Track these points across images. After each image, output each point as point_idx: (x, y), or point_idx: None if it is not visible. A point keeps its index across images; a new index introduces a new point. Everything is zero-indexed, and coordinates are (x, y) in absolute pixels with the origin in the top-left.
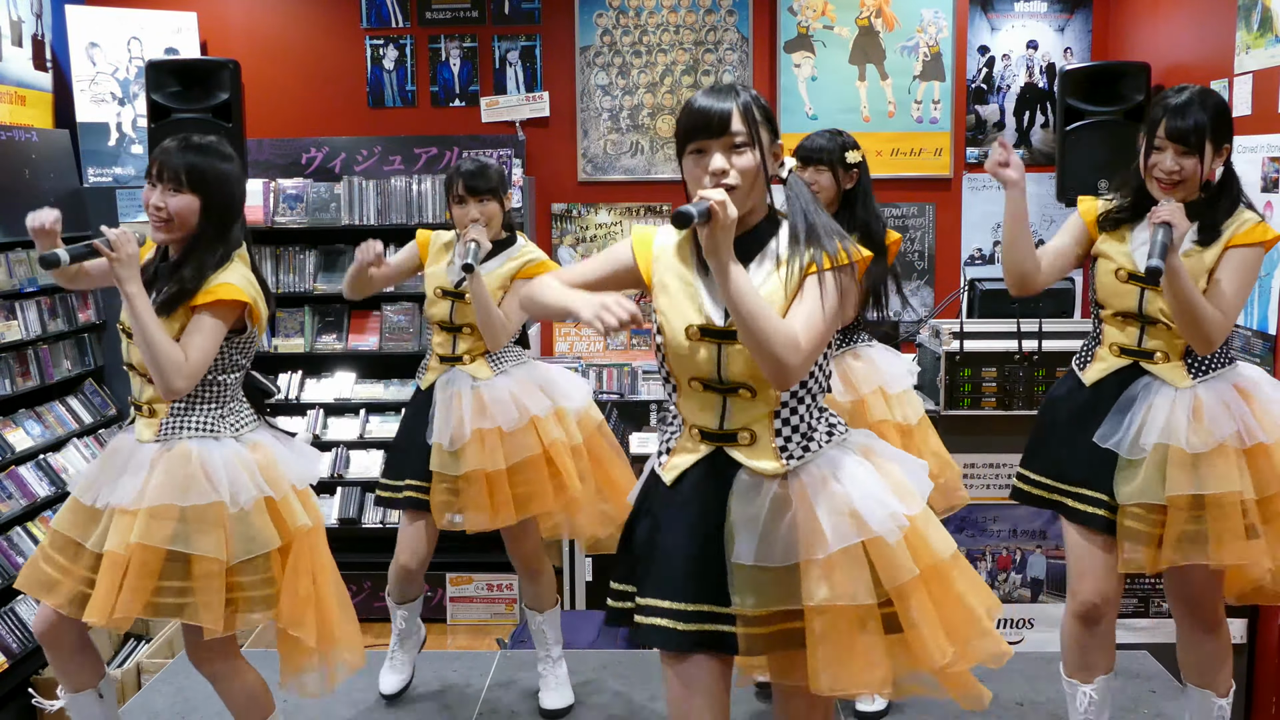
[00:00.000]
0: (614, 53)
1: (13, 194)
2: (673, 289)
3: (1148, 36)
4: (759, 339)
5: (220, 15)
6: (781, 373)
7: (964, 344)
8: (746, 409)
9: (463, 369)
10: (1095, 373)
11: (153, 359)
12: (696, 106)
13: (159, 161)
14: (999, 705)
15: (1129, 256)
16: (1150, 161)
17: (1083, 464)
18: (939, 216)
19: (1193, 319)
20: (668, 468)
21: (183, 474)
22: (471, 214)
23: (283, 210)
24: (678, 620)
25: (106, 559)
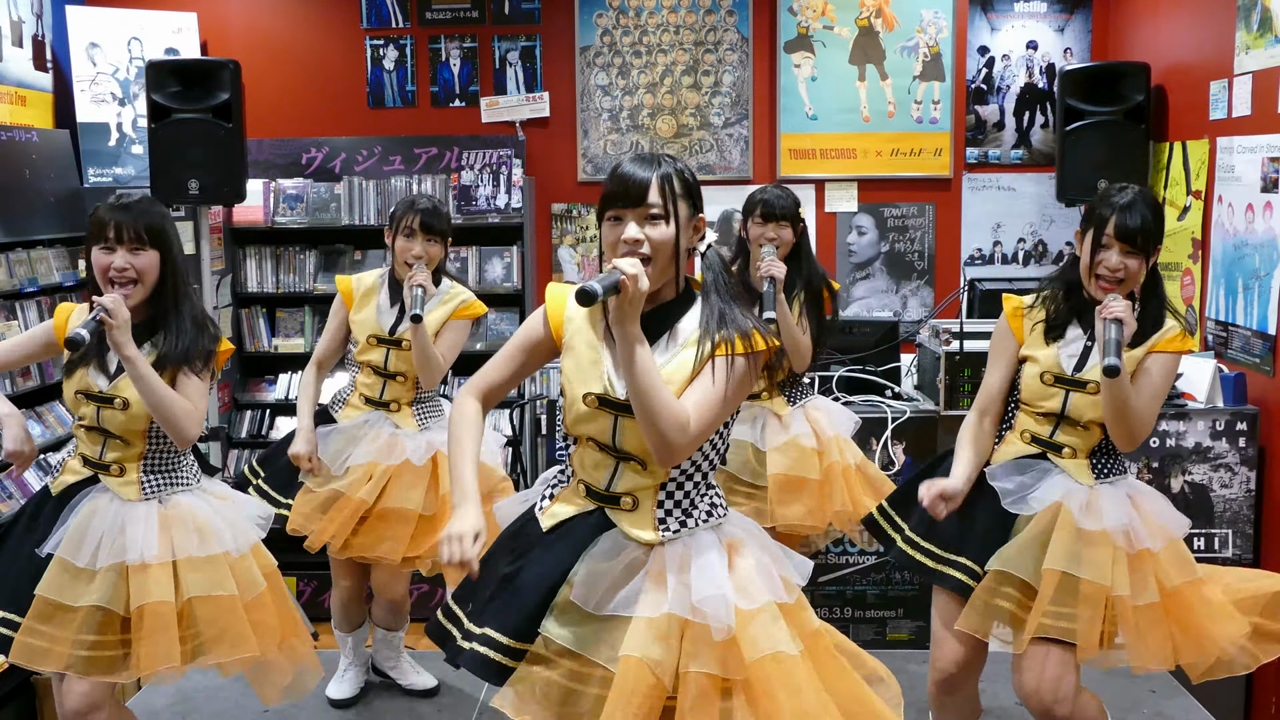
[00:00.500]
0: (614, 53)
1: (13, 194)
2: (578, 353)
3: (1148, 37)
4: (649, 416)
5: (220, 15)
6: (666, 451)
7: (964, 344)
8: (635, 478)
9: (388, 416)
10: (1002, 455)
11: (166, 413)
12: (618, 173)
13: (114, 224)
14: (999, 705)
15: (1056, 360)
16: (1096, 259)
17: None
18: (939, 216)
19: (1127, 418)
20: (548, 514)
21: (195, 529)
22: (415, 251)
23: (283, 210)
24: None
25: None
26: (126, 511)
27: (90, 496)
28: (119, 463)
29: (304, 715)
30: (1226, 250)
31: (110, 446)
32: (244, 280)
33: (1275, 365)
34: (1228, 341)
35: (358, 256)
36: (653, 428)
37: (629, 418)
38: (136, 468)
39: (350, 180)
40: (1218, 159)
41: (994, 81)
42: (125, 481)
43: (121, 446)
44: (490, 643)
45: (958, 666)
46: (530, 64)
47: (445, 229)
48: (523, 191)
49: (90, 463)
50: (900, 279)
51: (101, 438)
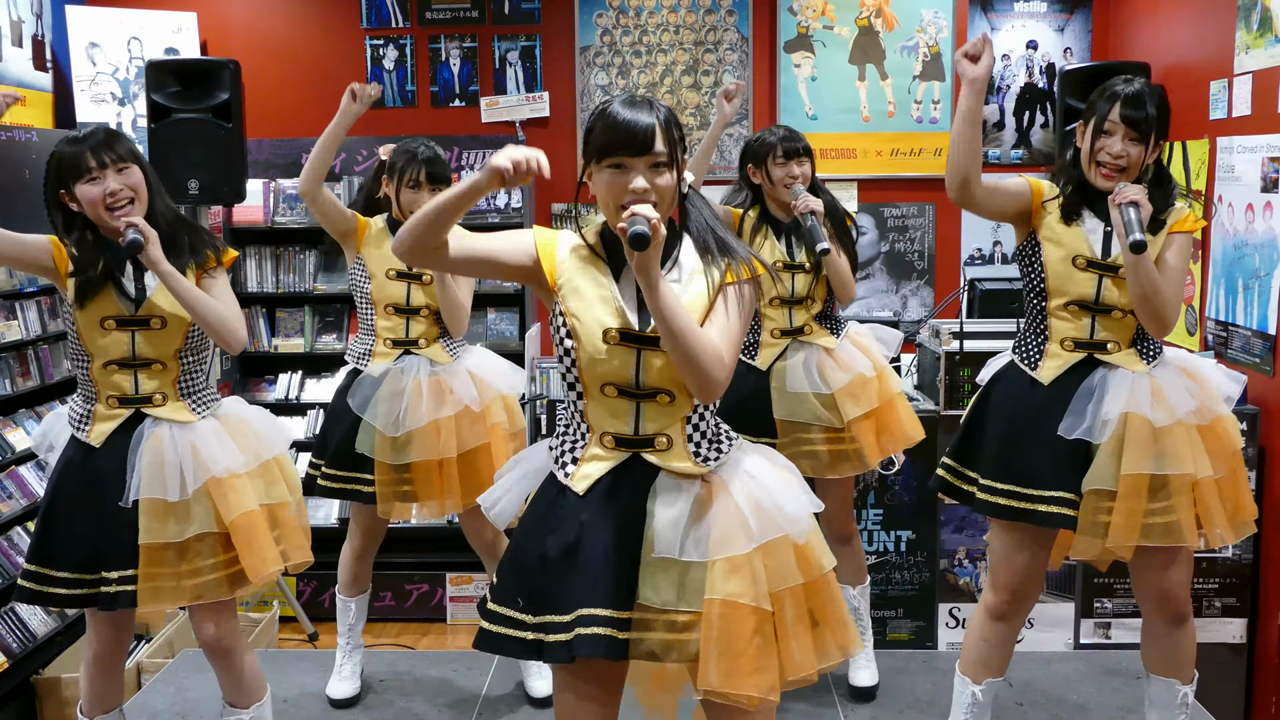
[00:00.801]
0: (614, 53)
1: (13, 194)
2: (585, 292)
3: (1148, 36)
4: (688, 354)
5: (220, 15)
6: (709, 386)
7: (964, 344)
8: (662, 414)
9: (419, 353)
10: (1051, 370)
11: (216, 320)
12: (620, 120)
13: (89, 153)
14: (999, 705)
15: (1086, 243)
16: (1096, 145)
17: (1052, 466)
18: (939, 216)
19: (1157, 302)
20: (577, 477)
21: (254, 436)
22: (423, 201)
23: (283, 210)
24: (618, 629)
25: (245, 521)
26: (191, 433)
27: (148, 433)
28: (159, 391)
29: (303, 715)
30: (1226, 250)
31: (145, 377)
32: (244, 280)
33: (1275, 365)
34: (1228, 341)
35: None
36: (694, 365)
37: (651, 350)
38: (175, 392)
39: (350, 180)
40: (1218, 159)
41: (994, 81)
42: (174, 407)
43: (157, 373)
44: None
45: (1019, 594)
46: (530, 64)
47: (448, 174)
48: (523, 191)
49: (126, 400)
50: (900, 279)
51: (131, 372)
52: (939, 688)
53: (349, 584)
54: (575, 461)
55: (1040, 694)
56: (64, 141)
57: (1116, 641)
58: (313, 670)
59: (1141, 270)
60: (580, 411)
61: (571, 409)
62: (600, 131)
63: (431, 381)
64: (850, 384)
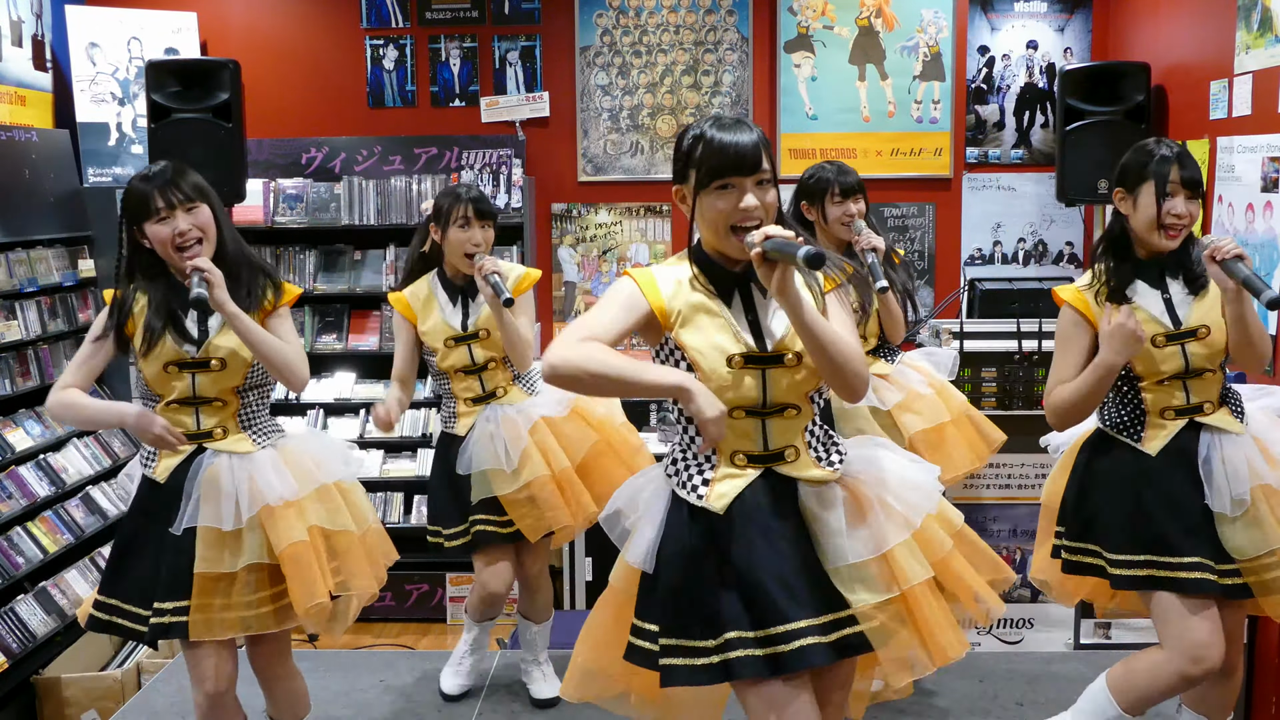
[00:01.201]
0: (614, 53)
1: (13, 194)
2: (701, 324)
3: (1148, 36)
4: (839, 361)
5: (220, 15)
6: (859, 385)
7: (964, 344)
8: (787, 428)
9: (499, 403)
10: (1159, 441)
11: (280, 360)
12: (726, 142)
13: (159, 193)
14: (999, 705)
15: (1154, 320)
16: (1165, 208)
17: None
18: (939, 216)
19: (1257, 339)
20: (713, 497)
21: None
22: (475, 239)
23: (283, 210)
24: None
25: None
26: (249, 464)
27: (206, 463)
28: (220, 425)
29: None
30: None
31: (206, 414)
32: None
33: (1275, 365)
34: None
35: (357, 256)
36: (846, 369)
37: (776, 368)
38: (236, 425)
39: (350, 180)
40: (1218, 159)
41: (994, 81)
42: (237, 439)
43: (218, 409)
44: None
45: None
46: (530, 64)
47: (495, 212)
48: (523, 191)
49: (190, 436)
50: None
51: (193, 408)
52: (939, 687)
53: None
54: (706, 483)
55: (1040, 694)
56: (136, 178)
57: (1116, 642)
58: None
59: (1244, 314)
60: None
61: (690, 434)
62: (706, 155)
63: (521, 416)
64: (906, 400)
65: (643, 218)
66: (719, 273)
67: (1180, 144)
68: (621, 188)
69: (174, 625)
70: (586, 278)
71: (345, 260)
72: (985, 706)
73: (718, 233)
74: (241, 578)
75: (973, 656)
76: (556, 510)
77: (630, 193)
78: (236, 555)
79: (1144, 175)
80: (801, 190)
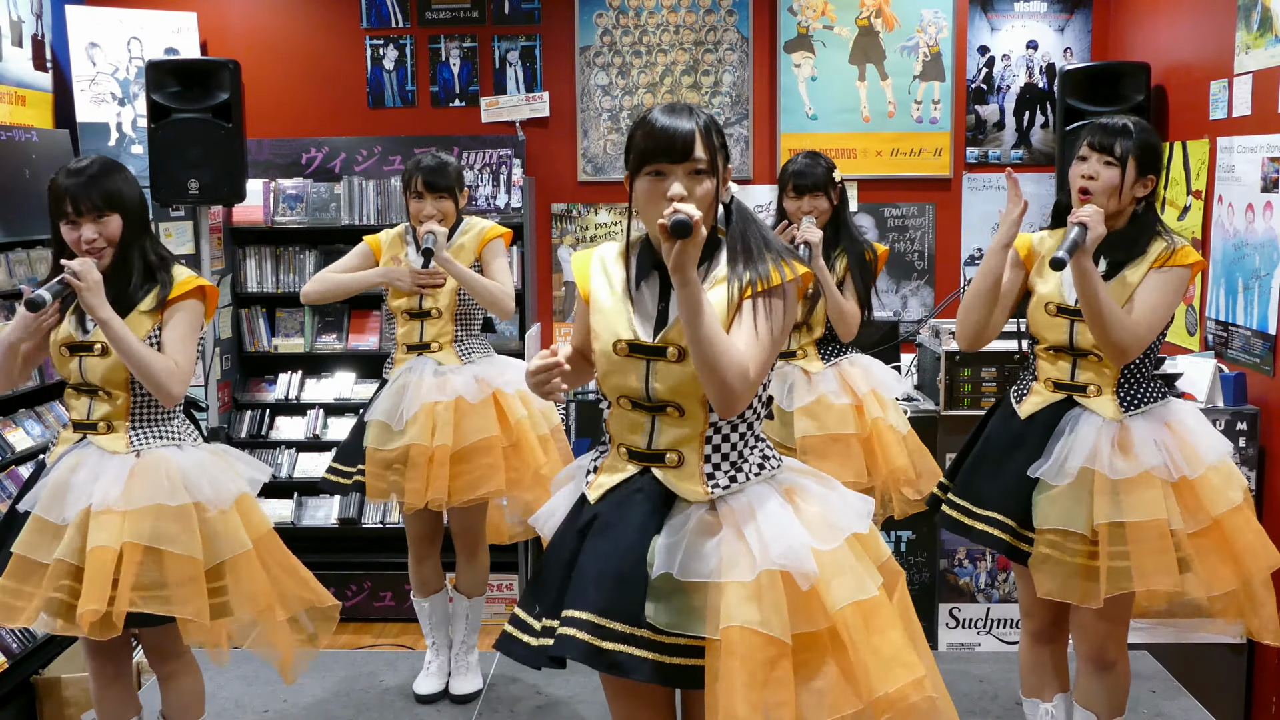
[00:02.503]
0: (614, 53)
1: (13, 194)
2: (604, 304)
3: (1148, 36)
4: (711, 363)
5: (220, 15)
6: (729, 399)
7: None
8: (674, 429)
9: (429, 356)
10: (1030, 406)
11: (147, 372)
12: (659, 126)
13: (71, 200)
14: (999, 705)
15: (1058, 289)
16: (1072, 170)
17: (1001, 492)
18: (939, 216)
19: (1104, 323)
20: (593, 485)
21: (165, 477)
22: (427, 210)
23: (283, 210)
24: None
25: (94, 557)
26: (105, 463)
27: (72, 452)
28: (107, 419)
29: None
30: (1226, 250)
31: (97, 402)
32: (244, 280)
33: (1275, 365)
34: (1228, 341)
35: None
36: (715, 375)
37: (660, 360)
38: (125, 423)
39: (350, 180)
40: (1218, 159)
41: (994, 81)
42: (114, 438)
43: (107, 400)
44: (575, 623)
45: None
46: (530, 64)
47: (450, 183)
48: (523, 191)
49: (79, 425)
50: (900, 279)
51: (88, 396)
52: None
53: (416, 587)
54: (596, 469)
55: None
56: (61, 172)
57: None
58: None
59: (1084, 290)
60: (604, 422)
61: (603, 421)
62: (640, 138)
63: (436, 378)
64: (812, 405)
65: None
66: (646, 255)
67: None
68: (621, 188)
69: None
70: None
71: None
72: (985, 706)
73: (647, 219)
74: (50, 570)
75: (973, 656)
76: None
77: None
78: (51, 549)
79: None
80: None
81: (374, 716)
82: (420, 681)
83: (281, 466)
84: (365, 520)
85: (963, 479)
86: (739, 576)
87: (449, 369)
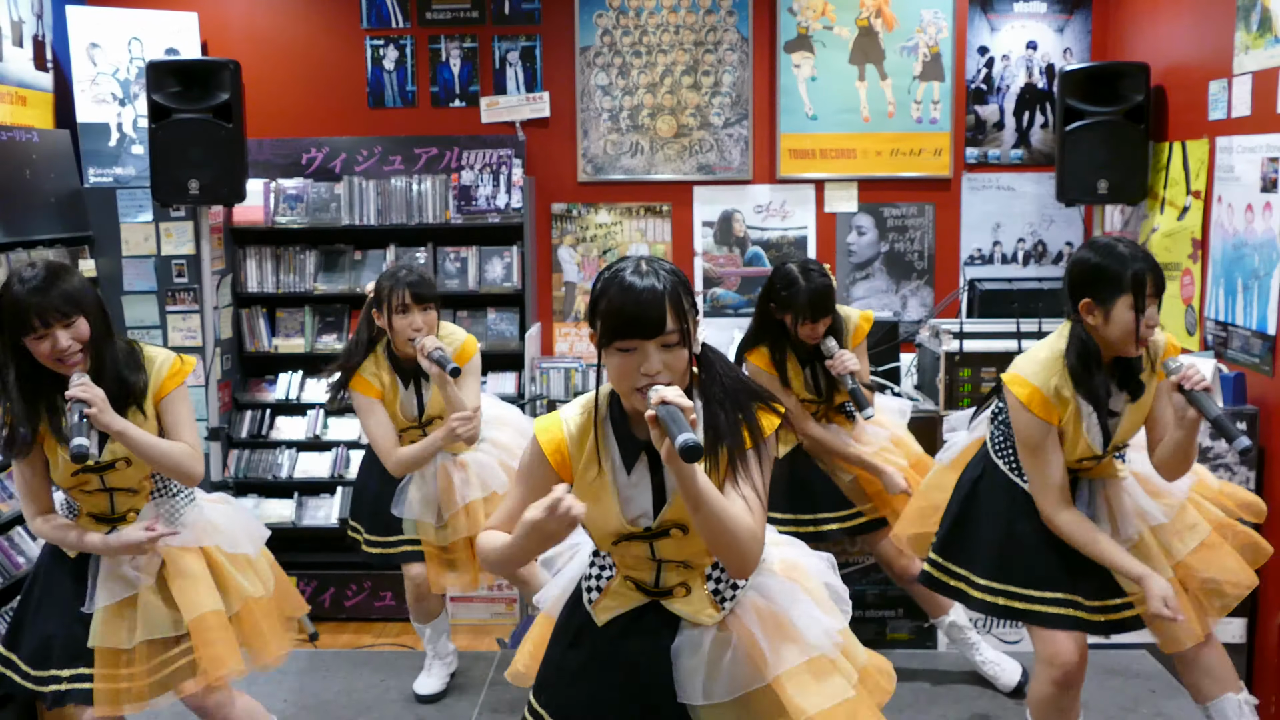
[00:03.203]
0: (614, 53)
1: (13, 194)
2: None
3: (1147, 37)
4: (725, 538)
5: (220, 15)
6: (745, 564)
7: (963, 344)
8: (681, 572)
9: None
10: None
11: (171, 465)
12: (627, 302)
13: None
14: (999, 705)
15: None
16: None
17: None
18: (938, 216)
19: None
20: (600, 608)
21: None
22: (416, 322)
23: (283, 210)
24: None
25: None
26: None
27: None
28: (132, 508)
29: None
30: (1226, 250)
31: (119, 499)
32: (244, 280)
33: (1275, 365)
34: (1227, 341)
35: (358, 256)
36: (731, 548)
37: (662, 539)
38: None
39: (350, 180)
40: (1217, 159)
41: (994, 81)
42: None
43: (131, 496)
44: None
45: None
46: (530, 64)
47: (435, 293)
48: (523, 191)
49: (103, 519)
50: (900, 279)
51: (108, 495)
52: (939, 687)
53: (419, 615)
54: (600, 590)
55: None
56: (13, 283)
57: (1116, 642)
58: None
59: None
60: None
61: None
62: (608, 313)
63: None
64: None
65: (643, 218)
66: (626, 438)
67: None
68: (621, 188)
69: (71, 692)
70: (586, 278)
71: (345, 260)
72: (985, 707)
73: (621, 390)
74: (141, 650)
75: None
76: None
77: (630, 193)
78: (133, 631)
79: (1120, 287)
80: (769, 293)
81: (374, 716)
82: (420, 681)
83: (282, 467)
84: None
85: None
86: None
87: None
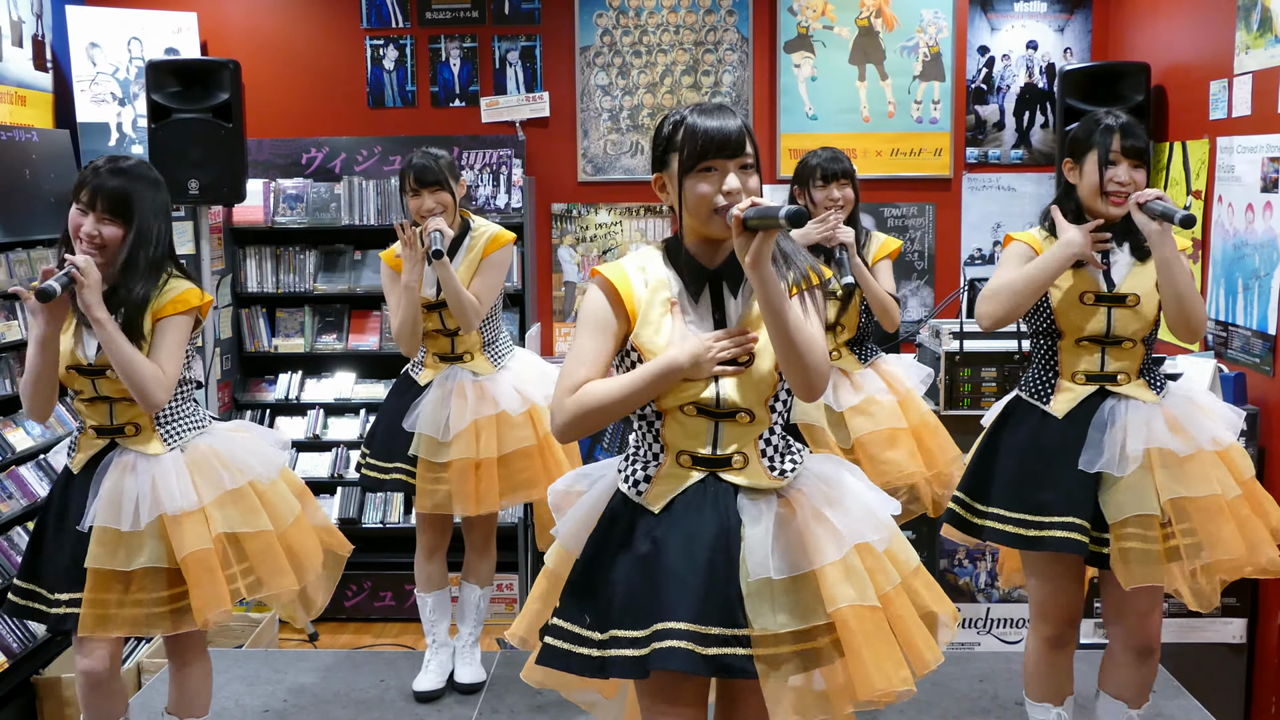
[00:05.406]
0: (614, 53)
1: (13, 194)
2: (658, 322)
3: (1147, 37)
4: (800, 350)
5: (220, 15)
6: (818, 383)
7: (964, 344)
8: (740, 433)
9: (463, 366)
10: (1065, 403)
11: (133, 378)
12: (710, 126)
13: (89, 189)
14: (999, 705)
15: (1093, 280)
16: (1107, 175)
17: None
18: (939, 216)
19: (1191, 305)
20: (652, 496)
21: (221, 466)
22: (426, 204)
23: (283, 210)
24: (699, 644)
25: (195, 561)
26: (154, 466)
27: (115, 460)
28: (132, 422)
29: (301, 715)
30: (1226, 250)
31: (119, 409)
32: (244, 280)
33: (1275, 365)
34: (1227, 341)
35: (358, 256)
36: (805, 361)
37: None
38: (151, 423)
39: (350, 180)
40: (1217, 159)
41: (994, 81)
42: (145, 437)
43: (130, 407)
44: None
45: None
46: (530, 64)
47: (441, 175)
48: (523, 191)
49: (103, 430)
50: (900, 279)
51: (106, 404)
52: (939, 687)
53: (422, 582)
54: (649, 479)
55: None
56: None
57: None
58: (312, 670)
59: (1173, 274)
60: (656, 431)
61: (644, 429)
62: (689, 138)
63: (475, 387)
64: (861, 403)
65: (643, 218)
66: (694, 267)
67: (1126, 116)
68: (621, 188)
69: (67, 616)
70: (586, 278)
71: (345, 260)
72: (985, 706)
73: (700, 216)
74: (138, 577)
75: (973, 656)
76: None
77: (630, 193)
78: (132, 555)
79: (1089, 144)
80: (795, 177)
81: (374, 716)
82: (420, 679)
83: None
84: (365, 520)
85: (1010, 492)
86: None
87: (485, 378)
